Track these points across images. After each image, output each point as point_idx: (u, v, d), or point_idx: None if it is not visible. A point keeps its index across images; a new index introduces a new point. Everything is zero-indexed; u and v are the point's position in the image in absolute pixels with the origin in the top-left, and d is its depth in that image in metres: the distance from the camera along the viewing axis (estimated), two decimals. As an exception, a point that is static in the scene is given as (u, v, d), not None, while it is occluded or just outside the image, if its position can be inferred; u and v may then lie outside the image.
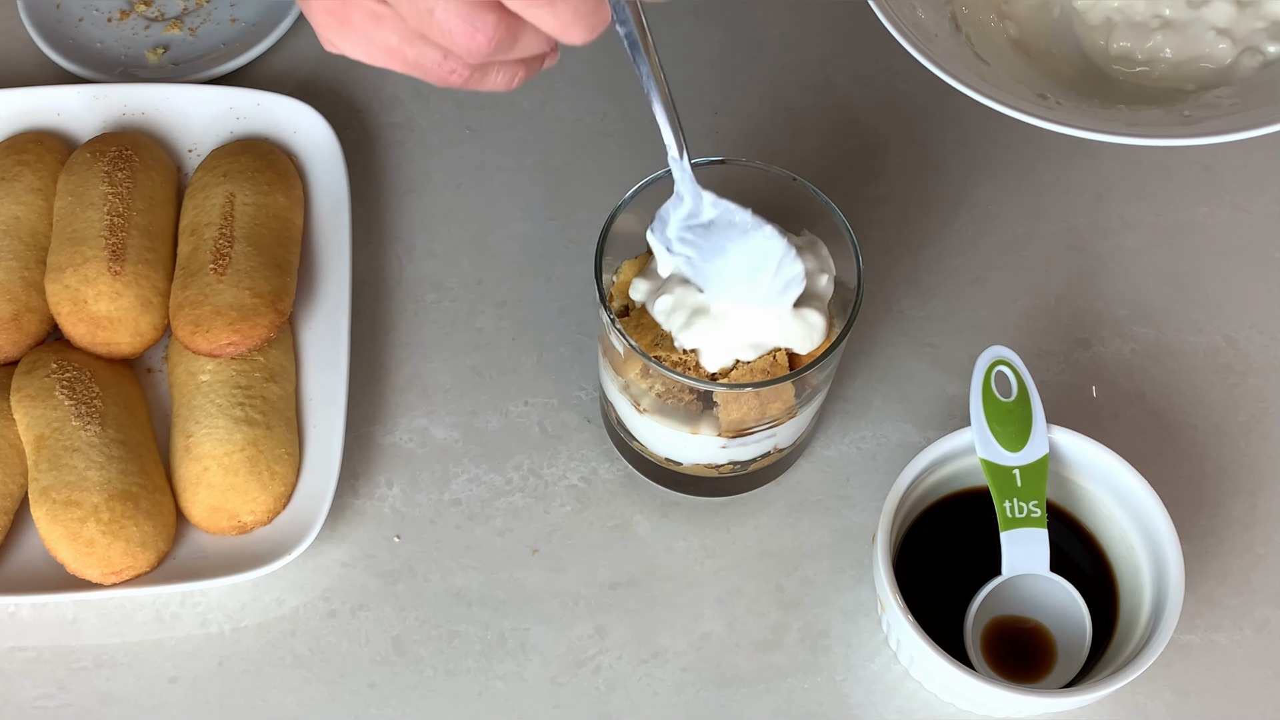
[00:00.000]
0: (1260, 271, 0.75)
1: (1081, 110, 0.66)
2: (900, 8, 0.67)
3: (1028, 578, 0.60)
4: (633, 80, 0.84)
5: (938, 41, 0.67)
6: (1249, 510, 0.68)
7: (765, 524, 0.67)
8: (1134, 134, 0.62)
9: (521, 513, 0.68)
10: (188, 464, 0.65)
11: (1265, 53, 0.69)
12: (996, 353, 0.62)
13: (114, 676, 0.63)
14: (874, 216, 0.76)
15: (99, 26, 0.83)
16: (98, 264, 0.68)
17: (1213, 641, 0.64)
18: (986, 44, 0.70)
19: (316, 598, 0.65)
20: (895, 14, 0.66)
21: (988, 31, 0.71)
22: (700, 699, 0.63)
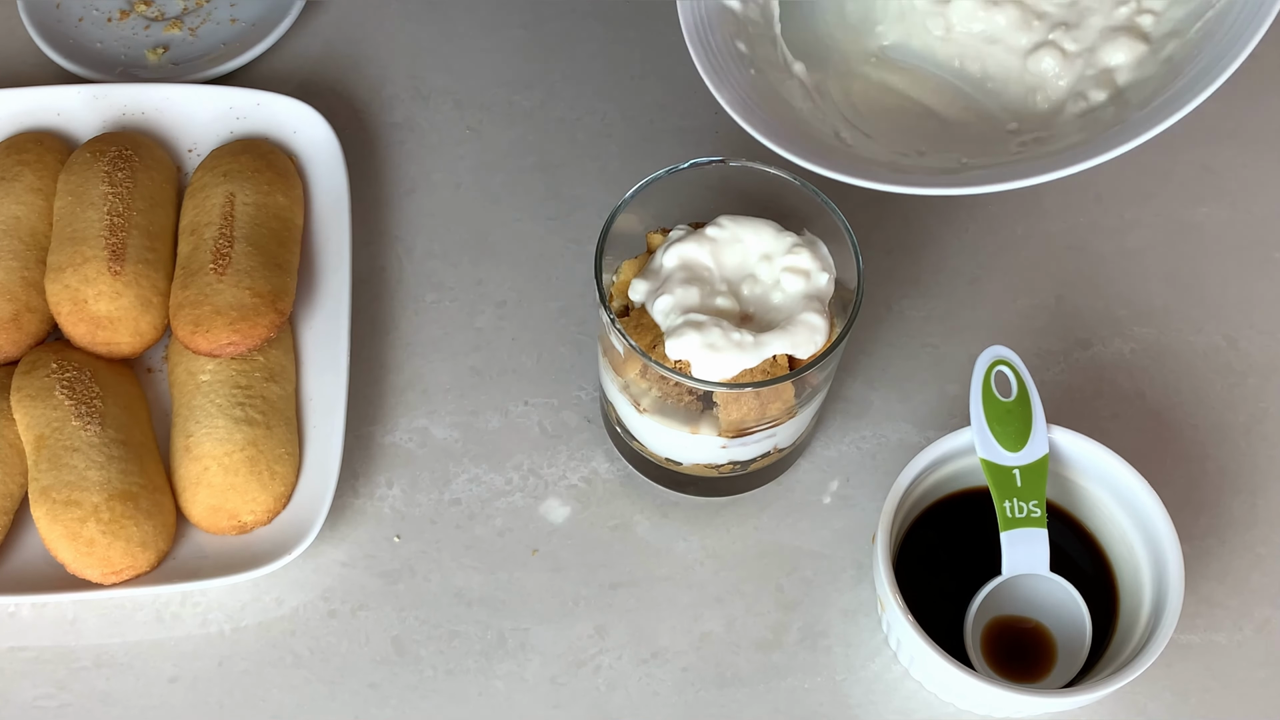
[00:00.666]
0: (1260, 271, 0.75)
1: (864, 154, 0.65)
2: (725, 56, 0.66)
3: (1028, 578, 0.60)
4: (633, 80, 0.84)
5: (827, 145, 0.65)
6: (1249, 510, 0.68)
7: (765, 524, 0.67)
8: (898, 181, 0.60)
9: (521, 513, 0.68)
10: (188, 464, 0.65)
11: (1088, 99, 0.66)
12: (996, 353, 0.62)
13: (114, 676, 0.63)
14: (874, 216, 0.76)
15: (99, 26, 0.83)
16: (98, 264, 0.68)
17: (1213, 641, 0.64)
18: (836, 102, 0.69)
19: (316, 598, 0.65)
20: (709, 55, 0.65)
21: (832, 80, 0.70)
22: (700, 699, 0.63)
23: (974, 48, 0.69)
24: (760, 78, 0.66)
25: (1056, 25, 0.68)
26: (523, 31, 0.83)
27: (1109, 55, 0.66)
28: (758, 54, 0.68)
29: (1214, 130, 0.79)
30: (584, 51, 0.82)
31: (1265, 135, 0.79)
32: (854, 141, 0.66)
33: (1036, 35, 0.68)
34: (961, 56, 0.70)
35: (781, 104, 0.66)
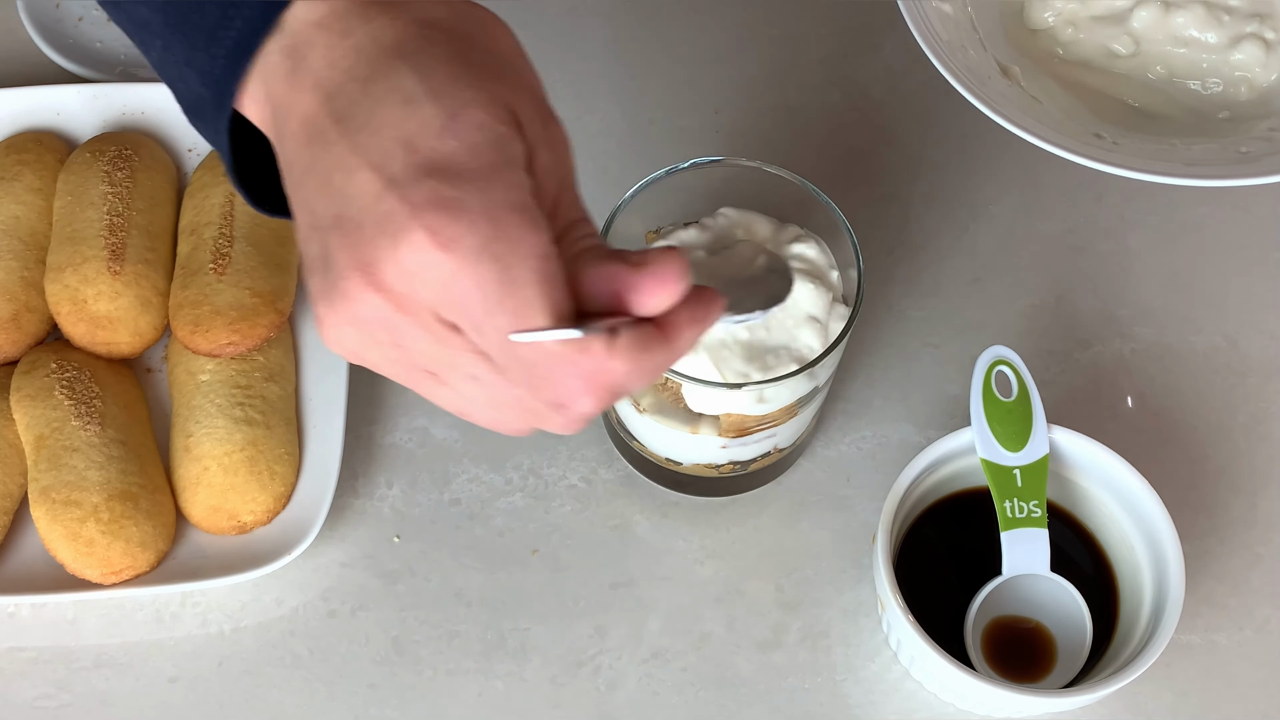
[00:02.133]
0: (1260, 271, 0.75)
1: (1140, 150, 0.67)
2: (953, 51, 0.67)
3: (1028, 578, 0.60)
4: (633, 80, 0.84)
5: (991, 84, 0.67)
6: (1249, 510, 0.68)
7: (765, 524, 0.67)
8: (1195, 174, 0.62)
9: (521, 513, 0.67)
10: (187, 464, 0.65)
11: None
12: (997, 353, 0.62)
13: (114, 676, 0.63)
14: (874, 216, 0.76)
15: (99, 26, 0.83)
16: (97, 264, 0.68)
17: (1213, 641, 0.64)
18: (1033, 81, 0.71)
19: (316, 598, 0.65)
20: (949, 58, 0.66)
21: (1033, 66, 0.72)
22: (700, 699, 0.63)
23: (1161, 54, 0.72)
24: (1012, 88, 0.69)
25: (1249, 18, 0.71)
26: (523, 31, 0.82)
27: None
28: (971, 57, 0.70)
29: (1214, 130, 0.79)
30: (584, 51, 0.82)
31: None
32: (1112, 139, 0.68)
33: (1230, 31, 0.70)
34: (1151, 66, 0.72)
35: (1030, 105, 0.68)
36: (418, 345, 0.40)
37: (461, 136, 0.39)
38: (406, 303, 0.39)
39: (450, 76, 0.40)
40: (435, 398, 0.43)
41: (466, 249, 0.38)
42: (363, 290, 0.39)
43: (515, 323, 0.39)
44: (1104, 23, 0.73)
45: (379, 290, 0.39)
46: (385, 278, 0.39)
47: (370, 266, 0.39)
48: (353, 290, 0.39)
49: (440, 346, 0.40)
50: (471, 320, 0.39)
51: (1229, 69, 0.71)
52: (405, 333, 0.40)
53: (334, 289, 0.40)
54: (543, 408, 0.41)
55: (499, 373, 0.41)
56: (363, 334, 0.41)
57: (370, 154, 0.39)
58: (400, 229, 0.38)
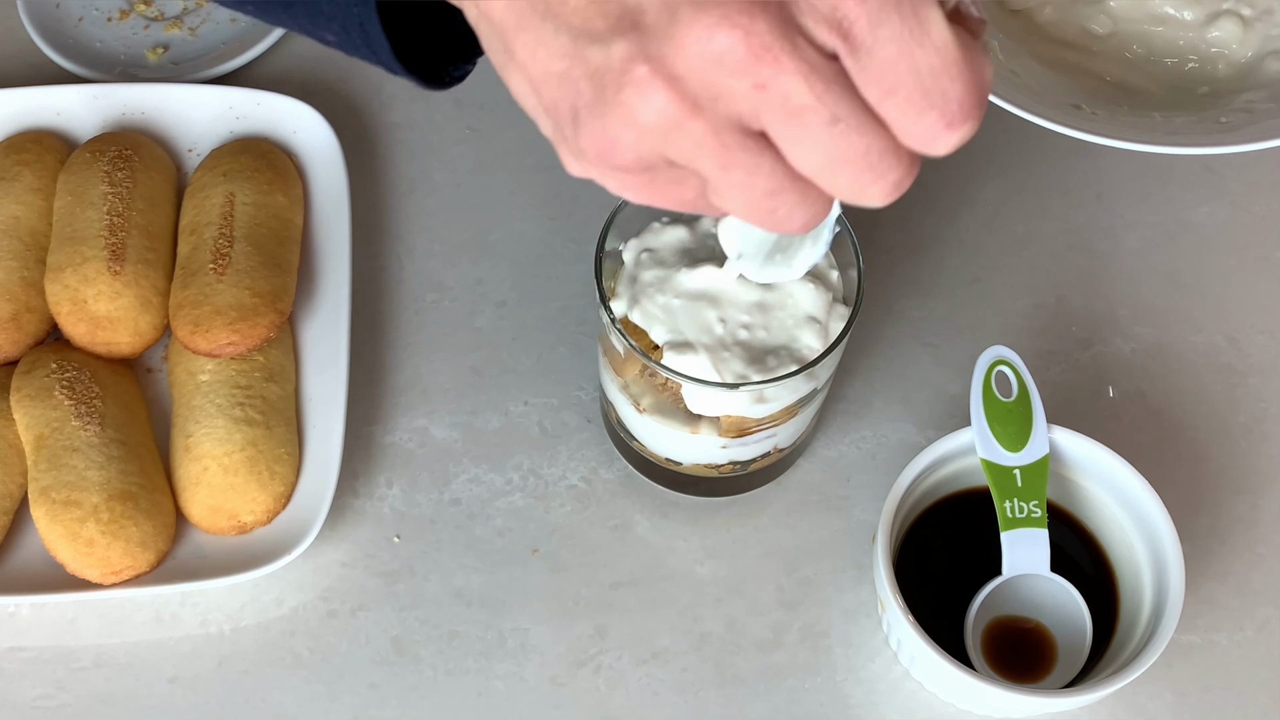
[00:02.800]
0: (1260, 271, 0.75)
1: (1119, 121, 0.66)
2: None
3: (1028, 578, 0.60)
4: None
5: None
6: (1249, 510, 0.68)
7: (765, 524, 0.67)
8: (1174, 143, 0.62)
9: (521, 513, 0.67)
10: (187, 464, 0.65)
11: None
12: (997, 353, 0.62)
13: (113, 676, 0.63)
14: (874, 216, 0.76)
15: (99, 26, 0.83)
16: (97, 264, 0.68)
17: (1213, 642, 0.64)
18: (1012, 59, 0.71)
19: (316, 598, 0.65)
20: None
21: (1012, 44, 0.72)
22: (700, 699, 0.63)
23: (1139, 32, 0.71)
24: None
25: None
26: (523, 31, 0.83)
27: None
28: None
29: (1214, 130, 0.79)
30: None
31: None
32: (1091, 110, 0.68)
33: (1207, 8, 0.70)
34: (1128, 45, 0.72)
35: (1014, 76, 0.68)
36: (785, 85, 0.35)
37: None
38: (790, 29, 0.34)
39: None
40: (729, 185, 0.37)
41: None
42: (748, 13, 0.34)
43: (913, 25, 0.34)
44: (1081, 2, 0.73)
45: (766, 15, 0.34)
46: (790, 13, 0.34)
47: (687, 24, 0.34)
48: (725, 36, 0.34)
49: (811, 77, 0.35)
50: (859, 34, 0.35)
51: (1206, 46, 0.71)
52: (781, 64, 0.35)
53: (616, 83, 0.35)
54: (889, 153, 0.36)
55: (869, 114, 0.36)
56: (643, 139, 0.36)
57: None
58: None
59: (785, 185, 0.38)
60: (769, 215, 0.38)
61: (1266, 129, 0.63)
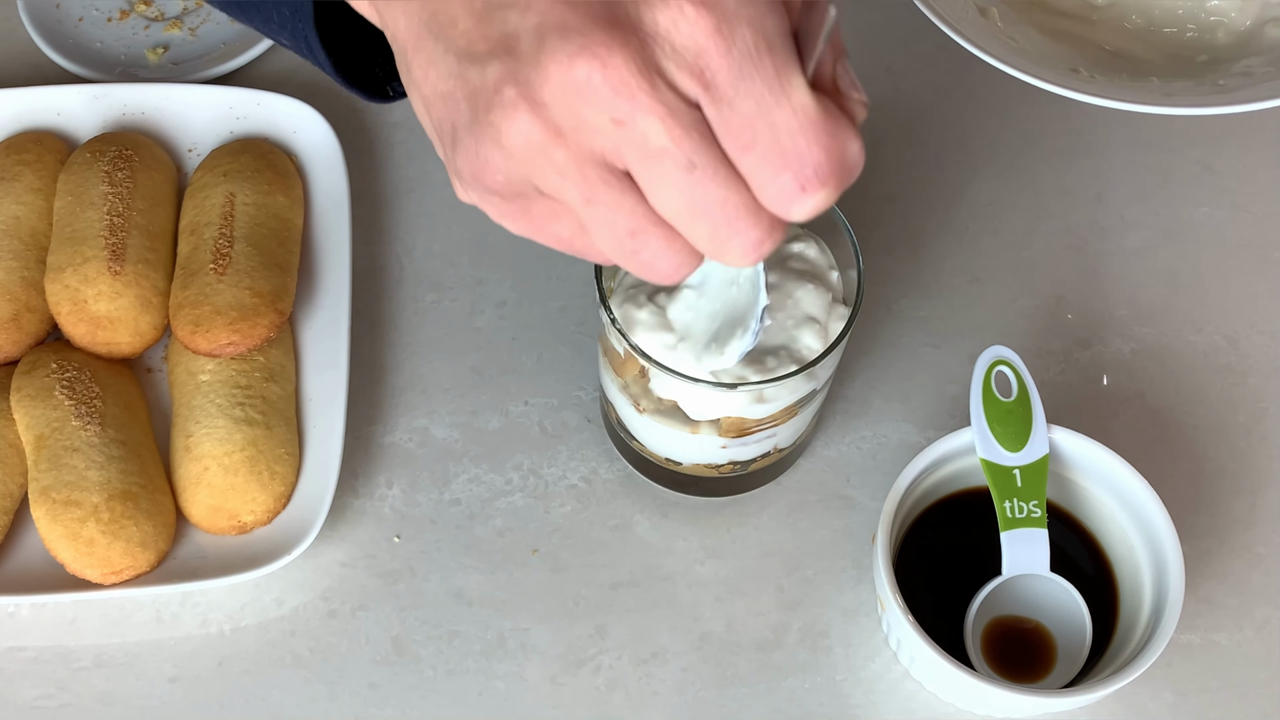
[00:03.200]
0: (1260, 271, 0.75)
1: (1116, 84, 0.66)
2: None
3: (1028, 578, 0.60)
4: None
5: (967, 21, 0.67)
6: (1249, 510, 0.68)
7: (765, 524, 0.67)
8: (1172, 104, 0.61)
9: (521, 513, 0.67)
10: (188, 464, 0.65)
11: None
12: (996, 353, 0.62)
13: (114, 676, 0.63)
14: (874, 216, 0.76)
15: (99, 26, 0.83)
16: (98, 264, 0.68)
17: (1213, 641, 0.64)
18: (1011, 25, 0.70)
19: (316, 598, 0.65)
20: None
21: (1012, 12, 0.71)
22: (700, 699, 0.63)
23: (1138, 2, 0.70)
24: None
25: None
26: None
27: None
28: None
29: (1214, 130, 0.79)
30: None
31: (1265, 135, 0.79)
32: (1089, 74, 0.67)
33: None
34: (1127, 15, 0.71)
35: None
36: (643, 125, 0.36)
37: None
38: (651, 64, 0.35)
39: None
40: (594, 222, 0.38)
41: (728, 11, 0.35)
42: (610, 46, 0.35)
43: (784, 91, 0.36)
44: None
45: (626, 49, 0.35)
46: (636, 28, 0.35)
47: (617, 10, 0.35)
48: (600, 52, 0.35)
49: (669, 118, 0.36)
50: (720, 88, 0.35)
51: (1205, 15, 0.70)
52: (638, 102, 0.35)
53: (488, 111, 0.36)
54: (746, 210, 0.37)
55: (727, 167, 0.36)
56: (515, 163, 0.37)
57: None
58: (632, 18, 0.35)
59: (648, 227, 0.38)
60: (633, 256, 0.39)
61: (1265, 90, 0.63)
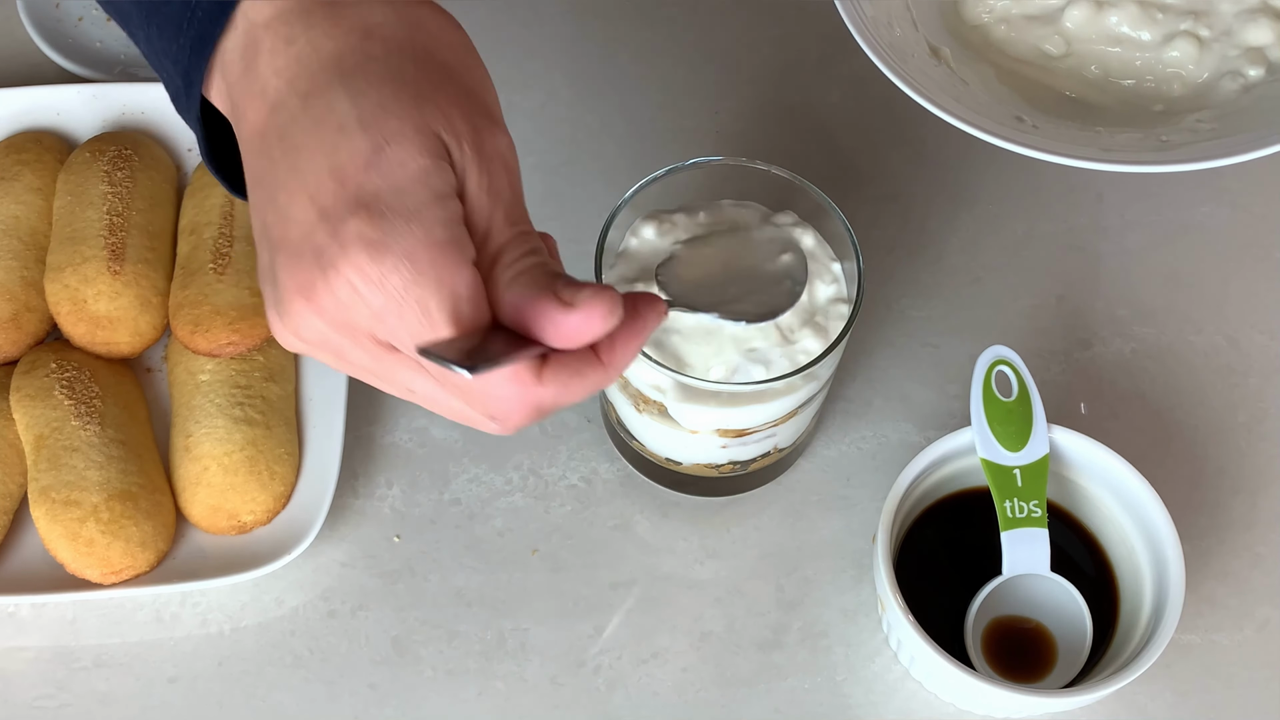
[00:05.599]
0: (1260, 271, 0.75)
1: (1057, 135, 0.67)
2: (877, 27, 0.67)
3: (1028, 578, 0.60)
4: (633, 79, 0.84)
5: (912, 62, 0.67)
6: (1249, 510, 0.68)
7: (765, 524, 0.67)
8: (1108, 159, 0.63)
9: (521, 513, 0.67)
10: (187, 464, 0.65)
11: (1246, 76, 0.69)
12: (997, 352, 0.62)
13: (114, 676, 0.63)
14: (874, 216, 0.76)
15: (99, 26, 0.83)
16: (97, 263, 0.68)
17: (1213, 641, 0.64)
18: (965, 65, 0.71)
19: (316, 598, 0.65)
20: (872, 35, 0.66)
21: (968, 54, 0.72)
22: (700, 699, 0.63)
23: (1096, 52, 0.71)
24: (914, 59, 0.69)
25: (1184, 15, 0.70)
26: (523, 31, 0.83)
27: (1251, 36, 0.69)
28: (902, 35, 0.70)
29: (1214, 130, 0.79)
30: (584, 51, 0.82)
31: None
32: (1034, 122, 0.68)
33: (1164, 28, 0.70)
34: (1086, 66, 0.72)
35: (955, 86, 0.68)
36: (357, 358, 0.43)
37: (386, 173, 0.41)
38: (344, 325, 0.42)
39: (380, 103, 0.41)
40: (386, 391, 0.45)
41: (391, 288, 0.40)
42: (304, 312, 0.42)
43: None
44: (1036, 22, 0.72)
45: (319, 314, 0.41)
46: (323, 303, 0.41)
47: (309, 291, 0.41)
48: (296, 310, 0.42)
49: (377, 362, 0.43)
50: (403, 346, 0.42)
51: (1162, 66, 0.70)
52: (346, 349, 0.43)
53: (280, 304, 0.42)
54: (478, 417, 0.44)
55: (437, 386, 0.43)
56: (308, 345, 0.43)
57: (307, 180, 0.41)
58: (331, 264, 0.40)
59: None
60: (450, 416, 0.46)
61: (1201, 150, 0.64)
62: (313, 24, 0.43)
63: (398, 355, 0.42)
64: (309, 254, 0.41)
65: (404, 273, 0.40)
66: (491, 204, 0.43)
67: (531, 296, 0.41)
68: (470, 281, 0.41)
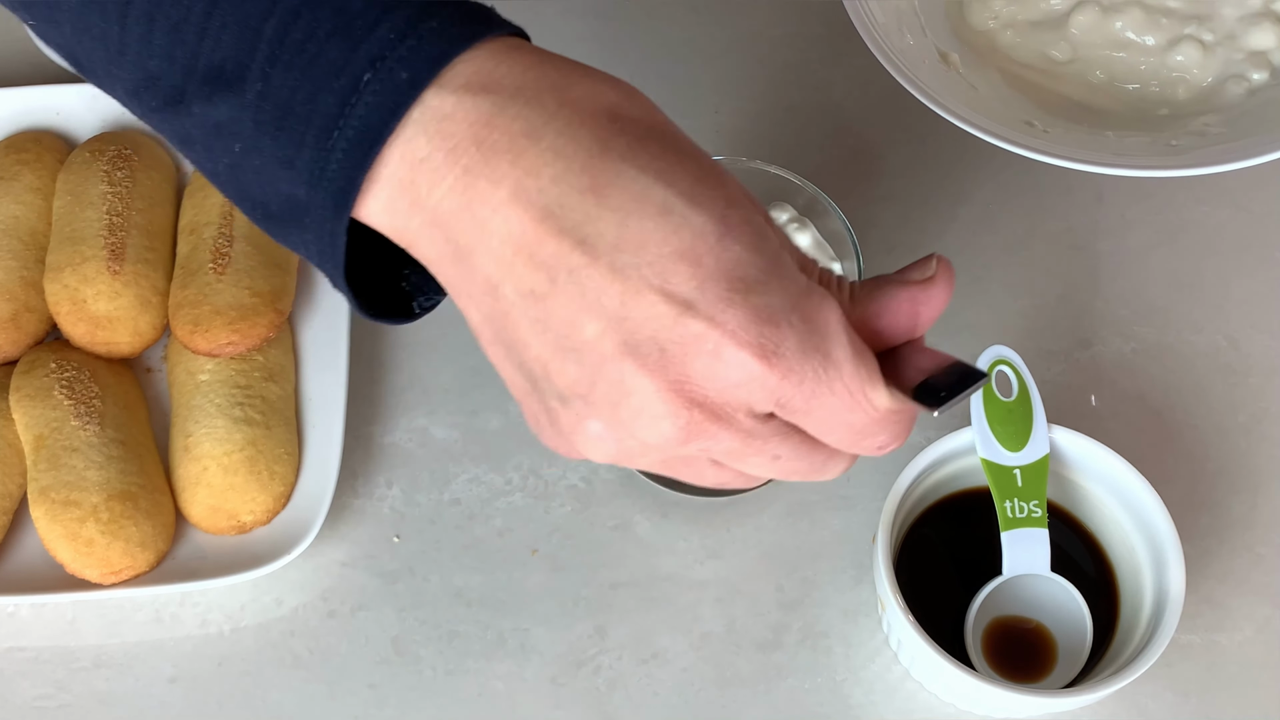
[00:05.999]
0: (1261, 271, 0.75)
1: (1067, 139, 0.67)
2: (888, 34, 0.67)
3: (1028, 578, 0.60)
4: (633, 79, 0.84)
5: (924, 68, 0.67)
6: (1250, 510, 0.68)
7: (765, 524, 0.67)
8: (1119, 164, 0.63)
9: (521, 513, 0.67)
10: (187, 464, 0.65)
11: (1250, 80, 0.70)
12: (997, 352, 0.62)
13: (113, 676, 0.63)
14: (874, 216, 0.76)
15: (98, 26, 0.83)
16: (97, 263, 0.68)
17: (1214, 641, 0.64)
18: (974, 70, 0.71)
19: (316, 598, 0.65)
20: (883, 41, 0.66)
21: (976, 59, 0.72)
22: (700, 699, 0.63)
23: (1101, 58, 0.72)
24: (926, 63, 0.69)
25: (1188, 19, 0.71)
26: (523, 31, 0.83)
27: (1254, 40, 0.70)
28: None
29: (1214, 130, 0.79)
30: (584, 51, 0.82)
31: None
32: (1044, 126, 0.68)
33: (1168, 33, 0.71)
34: (1091, 70, 0.72)
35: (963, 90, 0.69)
36: (724, 445, 0.40)
37: (741, 239, 0.38)
38: (723, 411, 0.39)
39: (686, 174, 0.38)
40: (702, 479, 0.42)
41: (790, 352, 0.38)
42: (680, 407, 0.38)
43: (859, 401, 0.40)
44: (1041, 28, 0.73)
45: (697, 405, 0.38)
46: (705, 393, 0.38)
47: (685, 385, 0.38)
48: (671, 408, 0.38)
49: (748, 439, 0.40)
50: (795, 407, 0.39)
51: (1167, 71, 0.71)
52: (716, 436, 0.39)
53: (643, 412, 0.39)
54: (830, 462, 0.42)
55: (809, 444, 0.41)
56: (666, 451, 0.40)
57: (644, 274, 0.37)
58: (718, 347, 0.37)
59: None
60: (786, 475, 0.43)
61: (1211, 154, 0.64)
62: (551, 113, 0.38)
63: (773, 424, 0.40)
64: (676, 346, 0.37)
65: (799, 330, 0.38)
66: (784, 241, 0.40)
67: (886, 297, 0.41)
68: (841, 312, 0.39)
